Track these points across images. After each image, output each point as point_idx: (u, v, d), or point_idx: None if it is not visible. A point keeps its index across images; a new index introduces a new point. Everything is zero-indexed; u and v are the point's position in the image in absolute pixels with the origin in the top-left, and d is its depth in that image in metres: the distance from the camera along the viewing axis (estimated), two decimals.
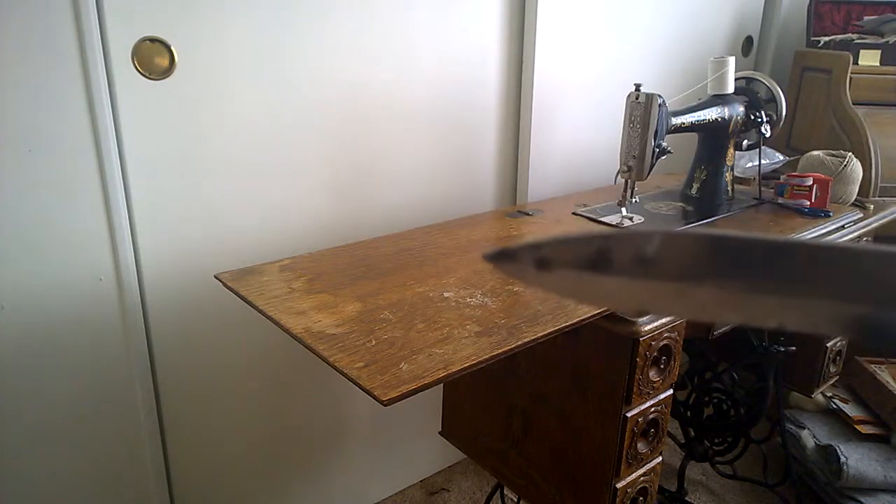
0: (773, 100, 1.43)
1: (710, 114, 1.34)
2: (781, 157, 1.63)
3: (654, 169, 1.21)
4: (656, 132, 1.18)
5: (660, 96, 1.18)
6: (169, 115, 1.09)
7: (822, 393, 1.64)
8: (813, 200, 1.38)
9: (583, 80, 1.62)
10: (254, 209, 1.23)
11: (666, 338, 0.94)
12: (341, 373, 0.70)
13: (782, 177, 1.44)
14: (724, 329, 1.09)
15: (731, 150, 1.42)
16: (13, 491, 1.10)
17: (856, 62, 1.75)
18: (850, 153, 1.48)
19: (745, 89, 1.44)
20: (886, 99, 1.75)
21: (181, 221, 1.15)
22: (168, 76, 1.07)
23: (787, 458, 1.56)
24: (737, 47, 1.99)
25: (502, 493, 1.55)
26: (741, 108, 1.39)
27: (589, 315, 0.85)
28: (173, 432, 1.25)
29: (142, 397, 1.18)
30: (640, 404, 0.95)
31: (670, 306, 0.30)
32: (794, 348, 1.41)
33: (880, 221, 1.40)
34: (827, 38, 1.83)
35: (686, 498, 1.57)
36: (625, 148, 1.20)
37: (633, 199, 1.23)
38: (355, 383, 0.69)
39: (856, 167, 1.46)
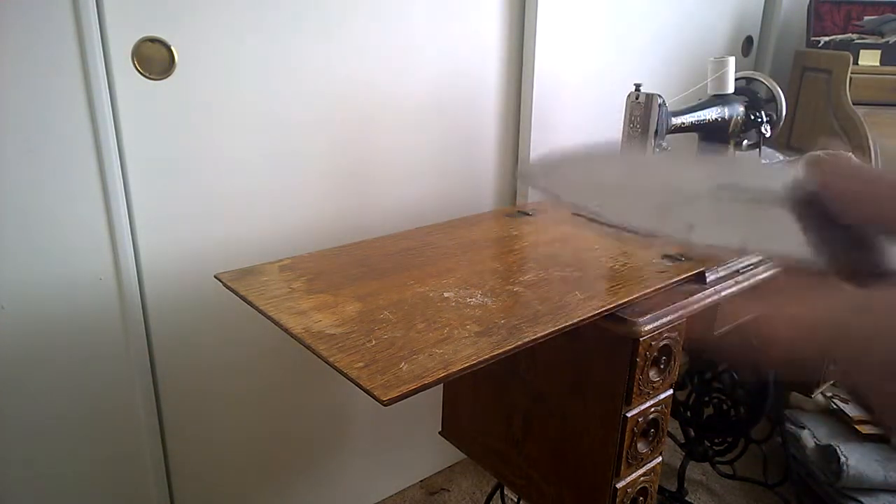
0: (773, 100, 1.42)
1: (710, 114, 1.34)
2: (781, 157, 1.63)
3: None
4: (656, 132, 1.18)
5: (660, 96, 1.18)
6: (169, 114, 1.09)
7: (822, 393, 1.64)
8: None
9: (583, 80, 1.62)
10: (254, 209, 1.23)
11: (666, 338, 0.94)
12: (341, 373, 0.70)
13: None
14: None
15: (731, 150, 1.42)
16: (13, 490, 1.10)
17: (856, 62, 1.75)
18: (850, 153, 1.48)
19: (745, 89, 1.44)
20: (886, 99, 1.75)
21: (181, 221, 1.15)
22: (168, 76, 1.07)
23: (787, 458, 1.55)
24: (737, 47, 1.99)
25: (502, 493, 1.55)
26: (741, 108, 1.39)
27: (589, 315, 0.85)
28: (173, 432, 1.25)
29: (142, 397, 1.18)
30: (640, 404, 0.95)
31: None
32: None
33: None
34: (827, 38, 1.83)
35: (686, 498, 1.57)
36: (625, 148, 1.20)
37: None
38: (355, 383, 0.69)
39: None
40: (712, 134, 1.40)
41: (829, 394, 1.76)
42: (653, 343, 0.92)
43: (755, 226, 0.29)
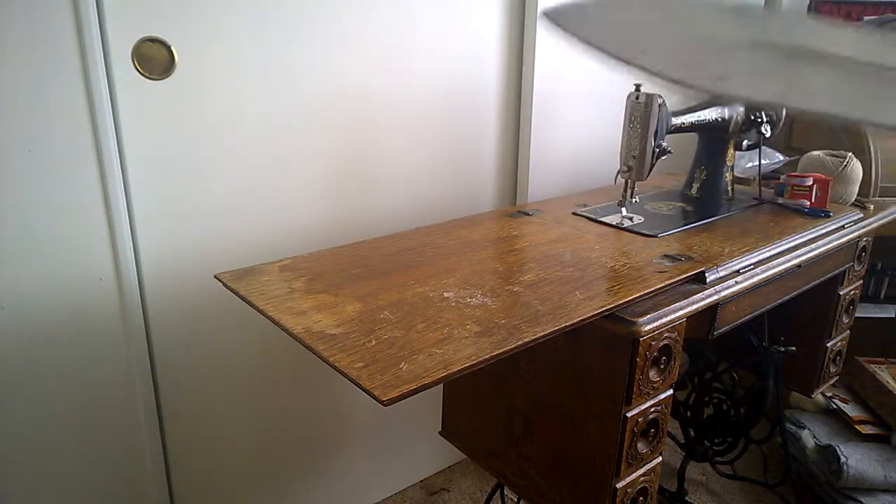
0: None
1: (710, 114, 1.34)
2: (781, 157, 1.63)
3: (654, 169, 1.21)
4: (656, 132, 1.18)
5: (660, 96, 1.18)
6: (169, 115, 1.09)
7: (822, 393, 1.64)
8: (813, 200, 1.38)
9: (583, 81, 1.62)
10: (254, 209, 1.23)
11: (666, 338, 0.94)
12: (341, 373, 0.70)
13: (782, 177, 1.44)
14: (724, 329, 1.09)
15: (731, 150, 1.42)
16: (13, 490, 1.10)
17: None
18: (850, 153, 1.48)
19: None
20: None
21: (181, 221, 1.15)
22: (168, 76, 1.07)
23: (787, 458, 1.55)
24: None
25: (502, 493, 1.55)
26: (741, 108, 1.39)
27: (589, 315, 0.85)
28: (173, 432, 1.25)
29: (142, 397, 1.18)
30: (640, 404, 0.95)
31: None
32: (794, 348, 1.41)
33: (880, 221, 1.40)
34: None
35: (686, 498, 1.57)
36: (625, 148, 1.20)
37: (633, 199, 1.23)
38: (355, 383, 0.69)
39: (856, 167, 1.46)
40: (712, 134, 1.40)
41: (829, 394, 1.76)
42: (653, 343, 0.92)
43: (793, 80, 0.28)
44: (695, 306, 0.97)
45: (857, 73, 0.28)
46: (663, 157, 1.21)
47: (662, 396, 0.99)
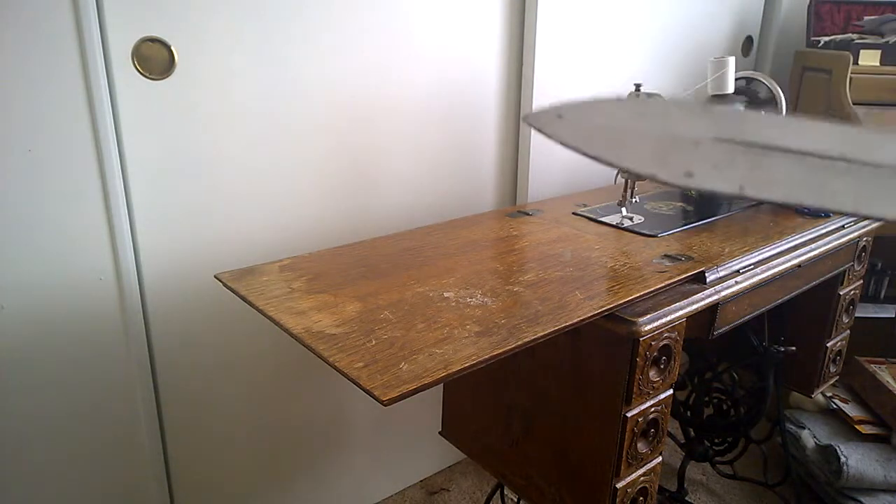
0: (773, 100, 1.42)
1: None
2: None
3: None
4: None
5: (660, 96, 1.18)
6: (169, 114, 1.09)
7: (822, 393, 1.64)
8: None
9: (583, 80, 1.62)
10: (254, 209, 1.23)
11: (666, 338, 0.94)
12: (341, 373, 0.70)
13: None
14: (724, 329, 1.09)
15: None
16: (13, 490, 1.10)
17: (856, 62, 1.75)
18: None
19: (745, 89, 1.44)
20: (886, 99, 1.75)
21: (181, 221, 1.15)
22: (168, 76, 1.07)
23: (787, 458, 1.55)
24: (737, 47, 1.99)
25: (502, 493, 1.55)
26: (741, 107, 1.39)
27: (589, 315, 0.85)
28: (173, 432, 1.25)
29: (142, 397, 1.18)
30: (640, 404, 0.95)
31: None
32: (794, 348, 1.41)
33: (880, 222, 1.40)
34: (827, 38, 1.83)
35: (686, 498, 1.57)
36: None
37: (633, 199, 1.23)
38: (355, 383, 0.69)
39: None
40: None
41: (829, 394, 1.76)
42: (653, 343, 0.92)
43: (753, 171, 0.31)
44: (695, 306, 0.97)
45: (819, 164, 0.30)
46: None
47: (662, 396, 0.99)
